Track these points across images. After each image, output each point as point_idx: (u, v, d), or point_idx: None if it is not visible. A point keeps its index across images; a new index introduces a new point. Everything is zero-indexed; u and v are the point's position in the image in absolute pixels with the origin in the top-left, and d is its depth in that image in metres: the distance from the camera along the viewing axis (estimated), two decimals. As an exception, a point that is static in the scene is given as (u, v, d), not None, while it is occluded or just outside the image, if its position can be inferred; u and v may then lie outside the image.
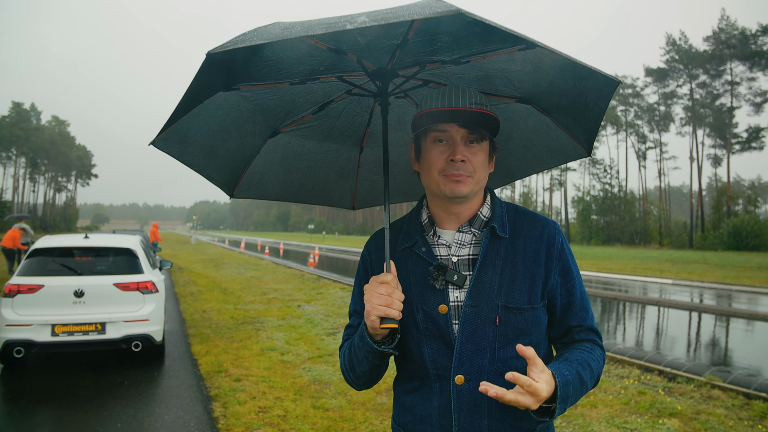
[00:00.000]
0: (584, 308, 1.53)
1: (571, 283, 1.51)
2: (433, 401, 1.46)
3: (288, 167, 2.10)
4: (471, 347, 1.42)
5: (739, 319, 12.45)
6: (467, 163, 1.43)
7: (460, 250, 1.50)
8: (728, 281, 19.47)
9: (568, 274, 1.51)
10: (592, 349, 1.50)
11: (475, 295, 1.43)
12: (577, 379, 1.37)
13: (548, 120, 1.75)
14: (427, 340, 1.47)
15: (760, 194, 75.56)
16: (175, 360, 7.50)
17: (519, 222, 1.53)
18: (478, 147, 1.46)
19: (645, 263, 29.80)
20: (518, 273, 1.45)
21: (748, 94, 56.03)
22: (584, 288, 1.55)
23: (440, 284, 1.45)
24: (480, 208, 1.53)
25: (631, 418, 5.30)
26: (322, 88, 1.77)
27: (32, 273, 6.67)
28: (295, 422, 5.15)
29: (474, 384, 1.40)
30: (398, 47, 1.49)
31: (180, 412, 5.46)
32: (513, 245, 1.48)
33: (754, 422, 5.23)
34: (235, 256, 33.67)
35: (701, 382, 6.35)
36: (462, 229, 1.51)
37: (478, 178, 1.46)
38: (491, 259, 1.46)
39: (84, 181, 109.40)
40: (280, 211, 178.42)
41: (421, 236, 1.55)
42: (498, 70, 1.61)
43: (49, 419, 5.30)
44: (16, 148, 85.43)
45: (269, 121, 1.86)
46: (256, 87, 1.67)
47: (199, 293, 14.67)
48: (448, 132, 1.44)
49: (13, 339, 6.25)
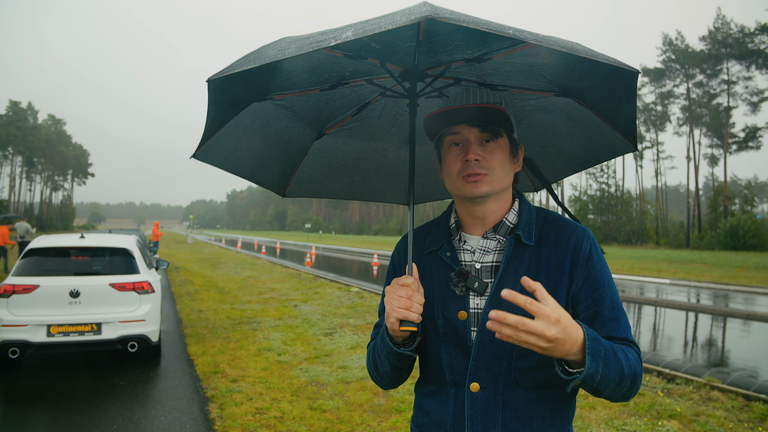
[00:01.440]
0: (614, 319, 1.39)
1: (598, 292, 1.41)
2: (449, 406, 1.45)
3: (337, 166, 2.14)
4: (487, 355, 1.40)
5: (737, 319, 12.45)
6: (482, 161, 1.42)
7: (484, 256, 1.48)
8: (725, 281, 19.49)
9: (595, 283, 1.41)
10: (629, 349, 1.36)
11: (495, 304, 1.39)
12: (609, 347, 1.27)
13: (591, 113, 1.70)
14: (445, 344, 1.46)
15: (757, 194, 75.76)
16: (171, 360, 7.45)
17: (547, 229, 1.48)
18: (494, 145, 1.44)
19: (642, 263, 29.82)
20: (541, 281, 1.34)
21: (745, 94, 56.17)
22: (617, 298, 1.43)
23: (460, 290, 1.45)
24: (506, 214, 1.51)
25: (630, 419, 5.27)
26: (354, 92, 1.80)
27: (28, 273, 6.61)
28: (292, 424, 5.11)
29: (489, 392, 1.39)
30: (416, 49, 1.49)
31: (176, 413, 5.41)
32: (538, 253, 1.44)
33: (755, 424, 5.21)
34: (232, 255, 33.61)
35: (700, 384, 6.33)
36: (487, 235, 1.49)
37: (497, 176, 1.43)
38: (514, 267, 1.42)
39: (81, 180, 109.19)
40: (276, 211, 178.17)
41: (448, 240, 1.53)
42: (526, 65, 1.58)
43: (45, 420, 5.25)
44: (12, 146, 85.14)
45: (311, 124, 1.92)
46: (288, 95, 1.72)
47: (196, 293, 14.62)
48: (461, 134, 1.44)
49: (9, 339, 6.20)
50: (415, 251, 1.57)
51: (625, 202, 65.35)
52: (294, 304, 12.59)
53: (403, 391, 6.03)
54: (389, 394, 5.95)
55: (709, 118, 59.04)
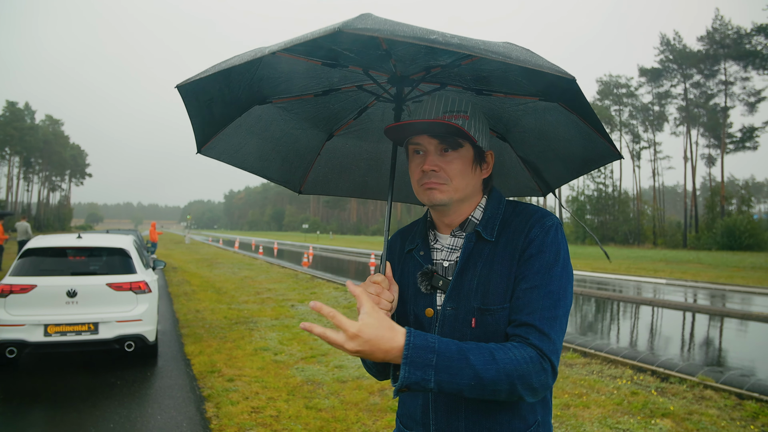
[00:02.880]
0: (526, 302, 1.35)
1: (523, 274, 1.38)
2: (418, 399, 1.53)
3: (350, 166, 2.20)
4: None
5: (732, 318, 12.50)
6: (441, 171, 1.45)
7: (451, 254, 1.53)
8: (722, 281, 19.56)
9: (527, 264, 1.38)
10: (514, 346, 1.29)
11: (453, 299, 1.45)
12: (455, 353, 1.23)
13: (577, 118, 1.61)
14: None
15: (754, 194, 75.95)
16: (168, 360, 7.48)
17: (510, 221, 1.49)
18: (455, 155, 1.46)
19: (639, 263, 29.89)
20: (495, 273, 1.42)
21: (742, 94, 56.31)
22: (550, 287, 1.36)
23: (425, 288, 1.51)
24: (473, 212, 1.54)
25: (624, 418, 5.32)
26: (350, 97, 1.84)
27: (25, 273, 6.63)
28: (287, 422, 5.14)
29: None
30: (388, 56, 1.51)
31: (173, 412, 5.44)
32: (496, 246, 1.46)
33: (747, 422, 5.25)
34: (229, 255, 33.62)
35: (694, 383, 6.38)
36: (455, 234, 1.54)
37: (456, 185, 1.46)
38: (473, 262, 1.46)
39: (78, 181, 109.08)
40: (274, 211, 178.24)
41: (423, 239, 1.60)
42: (500, 71, 1.55)
43: (42, 420, 5.27)
44: (9, 147, 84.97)
45: (318, 126, 1.97)
46: (287, 99, 1.77)
47: (193, 293, 14.64)
48: (421, 144, 1.47)
49: (6, 339, 6.21)
50: (397, 249, 1.67)
51: (622, 202, 65.47)
52: (291, 305, 12.61)
53: (398, 390, 6.06)
54: (384, 393, 5.99)
55: (707, 118, 59.17)
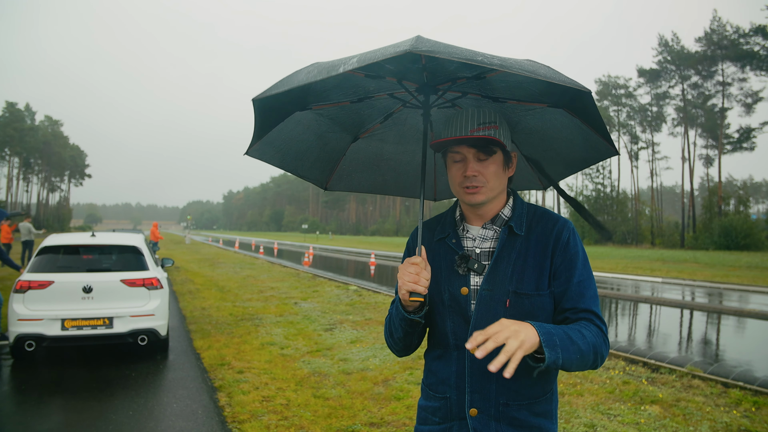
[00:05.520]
0: (580, 293, 1.68)
1: (570, 272, 1.70)
2: (452, 366, 1.77)
3: (372, 165, 2.46)
4: (484, 323, 1.63)
5: (726, 315, 12.79)
6: (480, 176, 1.73)
7: (482, 243, 1.79)
8: (717, 280, 19.85)
9: (569, 264, 1.70)
10: (585, 325, 1.63)
11: (490, 281, 1.71)
12: (562, 333, 1.54)
13: (580, 122, 1.94)
14: (450, 315, 1.77)
15: (752, 194, 76.21)
16: (179, 354, 7.76)
17: (535, 221, 1.78)
18: (490, 160, 1.73)
19: (636, 262, 30.17)
20: (528, 264, 1.71)
21: (740, 95, 56.54)
22: (589, 279, 1.71)
23: (462, 270, 1.76)
24: (502, 209, 1.82)
25: (615, 405, 5.61)
26: (380, 103, 2.11)
27: (42, 269, 6.92)
28: (297, 410, 5.42)
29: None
30: (423, 69, 1.79)
31: (187, 401, 5.73)
32: (527, 241, 1.74)
33: (730, 408, 5.55)
34: (230, 255, 33.88)
35: (683, 373, 6.67)
36: (486, 226, 1.81)
37: (492, 186, 1.74)
38: (507, 252, 1.73)
39: (77, 181, 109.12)
40: (273, 211, 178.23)
41: (453, 230, 1.85)
42: (516, 82, 1.83)
43: (63, 408, 5.55)
44: (9, 148, 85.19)
45: (347, 129, 2.24)
46: (325, 106, 2.04)
47: (197, 291, 14.91)
48: (461, 153, 1.75)
49: (25, 333, 6.50)
50: (426, 238, 1.90)
51: (620, 202, 65.73)
52: (294, 302, 12.89)
53: (401, 380, 6.35)
54: (388, 384, 6.27)
55: (704, 119, 59.44)
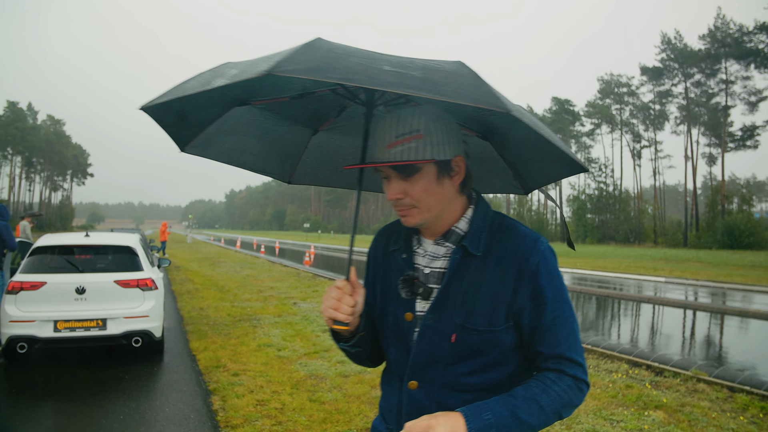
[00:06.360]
0: (554, 334, 1.41)
1: (541, 308, 1.41)
2: (395, 397, 1.55)
3: (336, 159, 2.25)
4: (425, 358, 1.47)
5: (729, 315, 12.65)
6: (406, 197, 1.43)
7: (433, 262, 1.51)
8: (721, 279, 19.70)
9: (539, 298, 1.41)
10: (554, 381, 1.40)
11: (436, 310, 1.45)
12: (506, 416, 1.33)
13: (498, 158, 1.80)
14: (393, 342, 1.55)
15: (755, 192, 75.98)
16: (174, 356, 7.65)
17: (498, 238, 1.47)
18: (417, 176, 1.41)
19: (639, 261, 30.03)
20: (482, 293, 1.42)
21: (743, 93, 56.46)
22: (564, 316, 1.43)
23: (406, 294, 1.50)
24: (457, 222, 1.51)
25: (618, 410, 5.47)
26: (326, 98, 1.84)
27: (34, 270, 6.80)
28: (292, 414, 5.30)
29: (425, 392, 1.47)
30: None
31: (180, 405, 5.61)
32: (484, 264, 1.44)
33: (737, 414, 5.41)
34: (231, 254, 33.78)
35: (687, 376, 6.53)
36: (438, 242, 1.52)
37: (427, 205, 1.44)
38: (459, 276, 1.45)
39: (80, 181, 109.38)
40: (275, 210, 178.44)
41: (407, 242, 1.58)
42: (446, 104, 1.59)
43: (53, 412, 5.43)
44: (12, 147, 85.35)
45: (301, 123, 2.00)
46: (265, 101, 1.80)
47: (196, 291, 14.81)
48: (383, 171, 1.46)
49: (17, 335, 6.38)
50: (380, 248, 1.67)
51: (623, 201, 65.63)
52: (293, 302, 12.77)
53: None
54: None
55: (708, 117, 59.32)
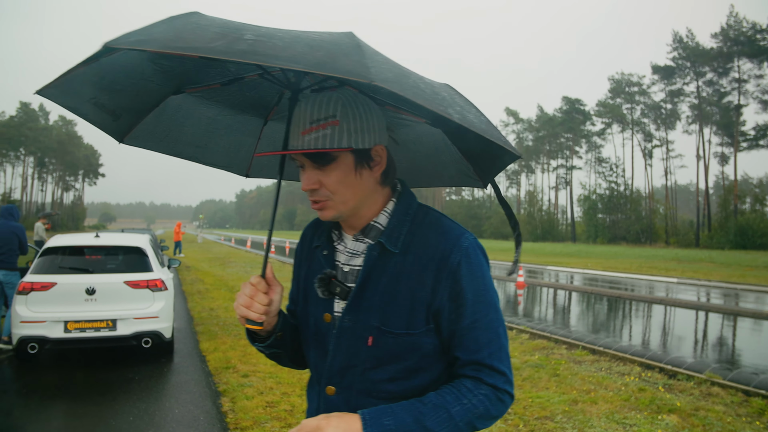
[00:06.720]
0: (474, 339, 1.31)
1: (461, 309, 1.31)
2: (314, 402, 1.47)
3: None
4: (342, 362, 1.38)
5: (746, 318, 12.50)
6: (321, 188, 1.33)
7: (352, 259, 1.42)
8: (734, 280, 19.50)
9: (459, 299, 1.31)
10: (470, 390, 1.30)
11: (353, 311, 1.37)
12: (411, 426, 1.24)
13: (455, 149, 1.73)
14: (313, 344, 1.47)
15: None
16: (184, 356, 7.65)
17: (419, 234, 1.38)
18: (333, 166, 1.31)
19: (651, 262, 29.81)
20: (399, 294, 1.34)
21: (756, 92, 55.91)
22: (489, 317, 1.33)
23: (322, 294, 1.41)
24: (377, 216, 1.42)
25: (631, 414, 5.40)
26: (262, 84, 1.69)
27: (45, 271, 6.82)
28: (301, 417, 5.27)
29: (343, 398, 1.39)
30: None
31: (190, 406, 5.60)
32: (403, 261, 1.35)
33: (753, 419, 5.32)
34: (242, 254, 33.89)
35: (701, 380, 6.44)
36: (357, 238, 1.43)
37: (343, 197, 1.34)
38: (376, 275, 1.36)
39: (91, 181, 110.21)
40: (286, 210, 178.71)
41: (328, 238, 1.49)
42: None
43: (64, 412, 5.45)
44: (24, 147, 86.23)
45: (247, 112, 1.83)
46: (199, 89, 1.65)
47: (207, 291, 14.85)
48: (297, 159, 1.35)
49: (28, 335, 6.41)
50: (306, 243, 1.58)
51: (634, 200, 65.21)
52: (303, 303, 12.74)
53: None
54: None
55: (720, 116, 58.77)
